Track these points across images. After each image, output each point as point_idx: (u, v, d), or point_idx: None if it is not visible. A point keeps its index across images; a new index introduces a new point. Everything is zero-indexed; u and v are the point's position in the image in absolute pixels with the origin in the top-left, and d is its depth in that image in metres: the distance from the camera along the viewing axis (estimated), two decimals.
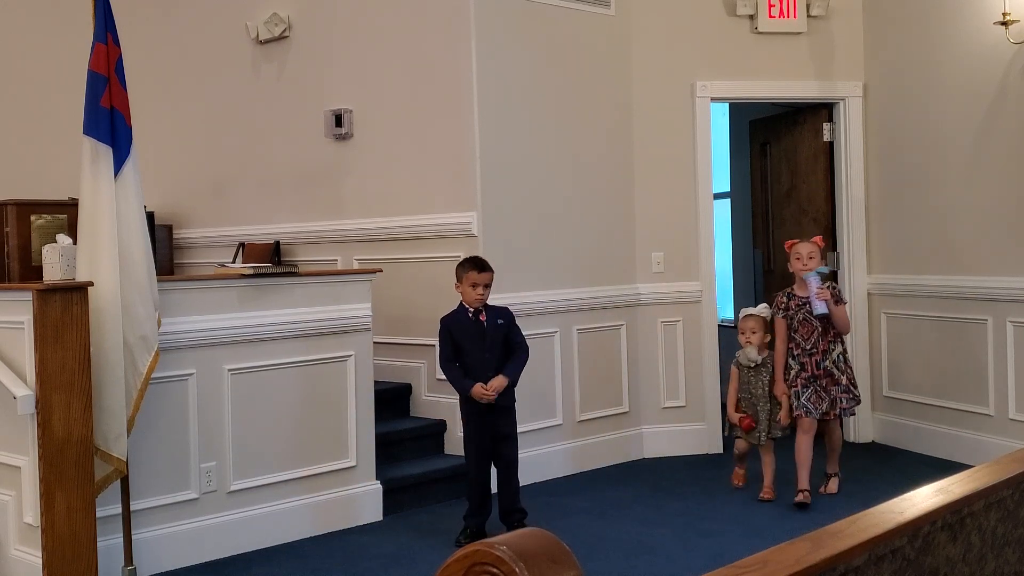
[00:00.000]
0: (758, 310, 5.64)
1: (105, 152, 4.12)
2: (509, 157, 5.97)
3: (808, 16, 6.69)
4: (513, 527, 4.83)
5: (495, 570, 1.28)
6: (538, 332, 6.01)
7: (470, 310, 4.91)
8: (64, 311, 3.94)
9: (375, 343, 5.49)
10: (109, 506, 4.27)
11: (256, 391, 4.90)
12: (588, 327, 6.33)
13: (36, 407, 3.94)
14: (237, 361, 4.83)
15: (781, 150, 7.34)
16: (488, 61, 5.87)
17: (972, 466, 2.30)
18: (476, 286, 4.87)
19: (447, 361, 4.96)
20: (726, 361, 6.02)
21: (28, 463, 4.11)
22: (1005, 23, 5.62)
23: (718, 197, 7.44)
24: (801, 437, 5.35)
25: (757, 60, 6.71)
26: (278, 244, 6.84)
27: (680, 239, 6.63)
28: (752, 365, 5.50)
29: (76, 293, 3.99)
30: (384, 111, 6.30)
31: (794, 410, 5.35)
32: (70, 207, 4.97)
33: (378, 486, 5.33)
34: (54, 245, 4.51)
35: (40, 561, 3.94)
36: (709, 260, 6.71)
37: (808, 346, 5.36)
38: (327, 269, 6.20)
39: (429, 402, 6.05)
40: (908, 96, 6.51)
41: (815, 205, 7.01)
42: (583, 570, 1.35)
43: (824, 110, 6.93)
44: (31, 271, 5.06)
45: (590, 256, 6.37)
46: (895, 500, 1.92)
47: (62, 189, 5.51)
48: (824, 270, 5.41)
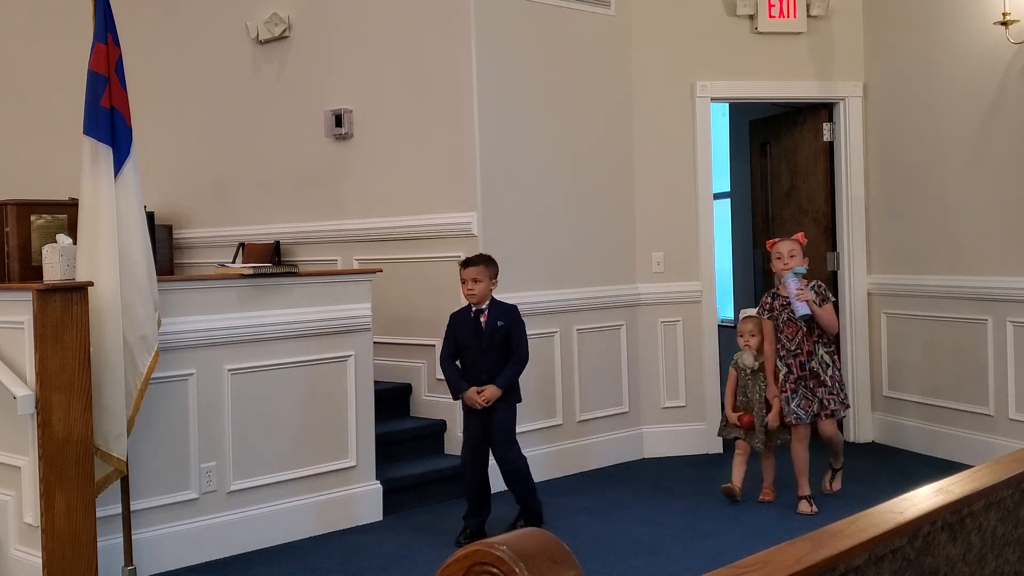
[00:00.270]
0: (755, 311, 5.54)
1: (105, 152, 4.12)
2: (509, 157, 5.97)
3: (808, 16, 6.69)
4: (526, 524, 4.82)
5: (495, 570, 1.28)
6: (538, 332, 6.00)
7: (472, 308, 4.93)
8: (64, 311, 3.94)
9: (375, 343, 5.49)
10: (109, 506, 4.27)
11: (256, 391, 4.90)
12: (588, 327, 6.33)
13: (36, 407, 3.94)
14: (237, 361, 4.83)
15: (781, 150, 7.34)
16: (488, 61, 5.87)
17: (972, 466, 2.30)
18: (464, 282, 4.89)
19: (446, 359, 4.96)
20: (726, 361, 6.01)
21: (28, 463, 4.11)
22: (1005, 23, 5.62)
23: (718, 197, 7.44)
24: (796, 446, 5.25)
25: (757, 60, 6.71)
26: (278, 244, 6.84)
27: (680, 239, 6.63)
28: (749, 370, 5.42)
29: (76, 293, 3.99)
30: (384, 111, 6.30)
31: (785, 416, 5.24)
32: (70, 207, 4.97)
33: (378, 486, 5.33)
34: (54, 245, 4.51)
35: (40, 561, 3.94)
36: (709, 260, 6.71)
37: (792, 347, 5.23)
38: (327, 269, 6.20)
39: (429, 402, 6.05)
40: (908, 96, 6.51)
41: (815, 205, 7.01)
42: (583, 570, 1.35)
43: (824, 110, 6.93)
44: (31, 271, 5.06)
45: (590, 256, 6.37)
46: (895, 500, 1.92)
47: (62, 189, 5.51)
48: (801, 270, 5.19)
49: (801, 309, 5.07)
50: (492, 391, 4.80)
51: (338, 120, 6.47)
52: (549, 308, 6.11)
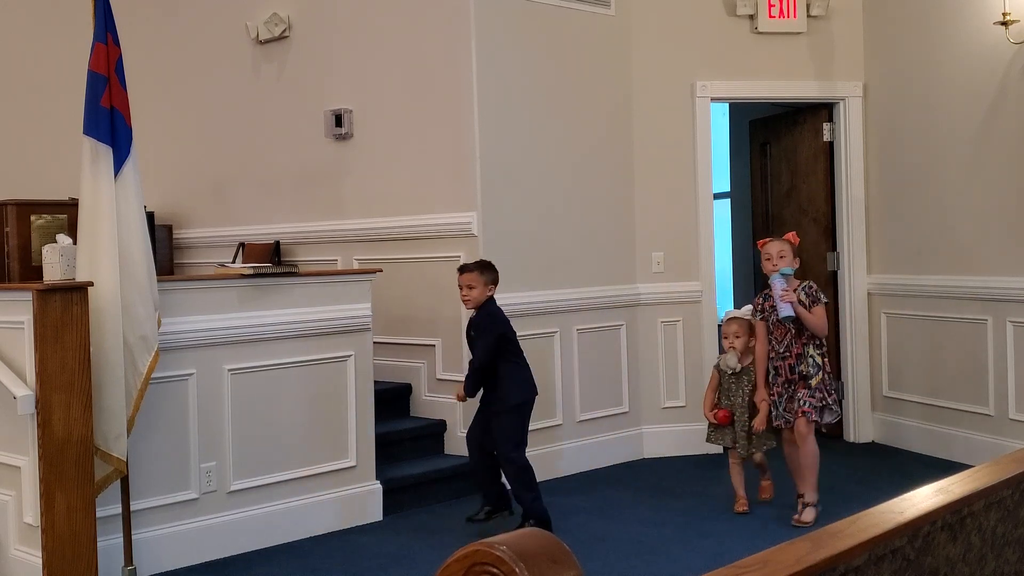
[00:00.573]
0: (742, 312, 5.38)
1: (105, 152, 4.12)
2: (509, 157, 5.97)
3: (808, 16, 6.69)
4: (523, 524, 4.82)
5: (495, 570, 1.28)
6: (538, 332, 6.01)
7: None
8: (64, 311, 3.94)
9: (375, 343, 5.49)
10: (109, 506, 4.27)
11: (256, 391, 4.90)
12: (588, 327, 6.33)
13: (36, 407, 3.94)
14: (237, 361, 4.83)
15: (781, 150, 7.34)
16: (488, 61, 5.87)
17: (972, 466, 2.30)
18: (460, 287, 4.99)
19: None
20: None
21: (28, 463, 4.11)
22: (1005, 23, 5.62)
23: (718, 197, 7.44)
24: (789, 451, 5.14)
25: (757, 60, 6.71)
26: (278, 244, 6.84)
27: (680, 239, 6.63)
28: (732, 372, 5.24)
29: (76, 293, 3.99)
30: (384, 111, 6.30)
31: (775, 420, 5.10)
32: (70, 207, 4.97)
33: (378, 486, 5.33)
34: (54, 245, 4.51)
35: (40, 561, 3.94)
36: (709, 260, 6.71)
37: (781, 349, 5.08)
38: (327, 269, 6.20)
39: (429, 402, 6.05)
40: (908, 96, 6.51)
41: (815, 205, 7.01)
42: (583, 570, 1.35)
43: (824, 110, 6.93)
44: (31, 271, 5.06)
45: (590, 256, 6.37)
46: (895, 500, 1.91)
47: (62, 189, 5.51)
48: (788, 271, 5.04)
49: (784, 310, 4.96)
50: (458, 390, 5.02)
51: (338, 120, 6.47)
52: (549, 308, 6.11)
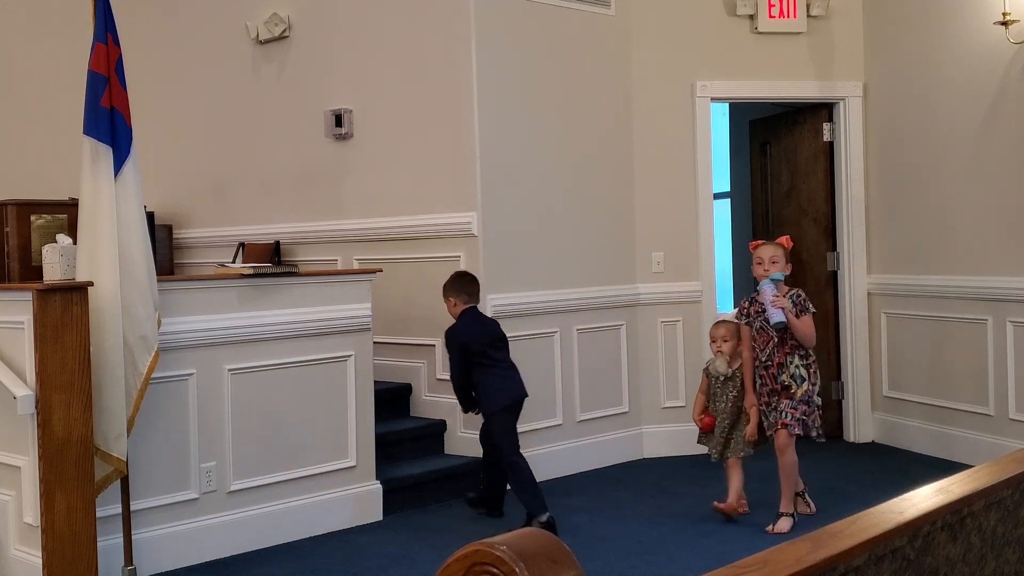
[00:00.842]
0: (732, 315, 5.26)
1: (105, 152, 4.12)
2: (509, 157, 5.97)
3: (808, 16, 6.69)
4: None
5: (495, 570, 1.28)
6: (538, 332, 6.01)
7: None
8: (64, 311, 3.94)
9: (375, 343, 5.49)
10: (109, 506, 4.27)
11: (256, 391, 4.90)
12: (588, 327, 6.33)
13: (36, 407, 3.94)
14: (237, 361, 4.83)
15: (781, 150, 7.34)
16: (488, 61, 5.87)
17: (972, 466, 2.30)
18: None
19: None
20: None
21: (28, 463, 4.11)
22: (1005, 23, 5.62)
23: (718, 197, 7.44)
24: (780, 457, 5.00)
25: (757, 60, 6.71)
26: (278, 244, 6.84)
27: (680, 239, 6.63)
28: (721, 378, 5.12)
29: (76, 293, 3.99)
30: (384, 111, 6.30)
31: (767, 429, 5.00)
32: (70, 207, 4.97)
33: (378, 486, 5.32)
34: (54, 245, 4.51)
35: (40, 561, 3.94)
36: (709, 260, 6.71)
37: (763, 357, 4.96)
38: (327, 269, 6.20)
39: (429, 402, 6.05)
40: (908, 96, 6.51)
41: (815, 205, 7.01)
42: (583, 570, 1.35)
43: (824, 110, 6.93)
44: (31, 271, 5.05)
45: (590, 256, 6.37)
46: (895, 500, 1.91)
47: (62, 189, 5.51)
48: (779, 276, 4.91)
49: (776, 316, 4.81)
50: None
51: (338, 120, 6.47)
52: (549, 308, 6.11)
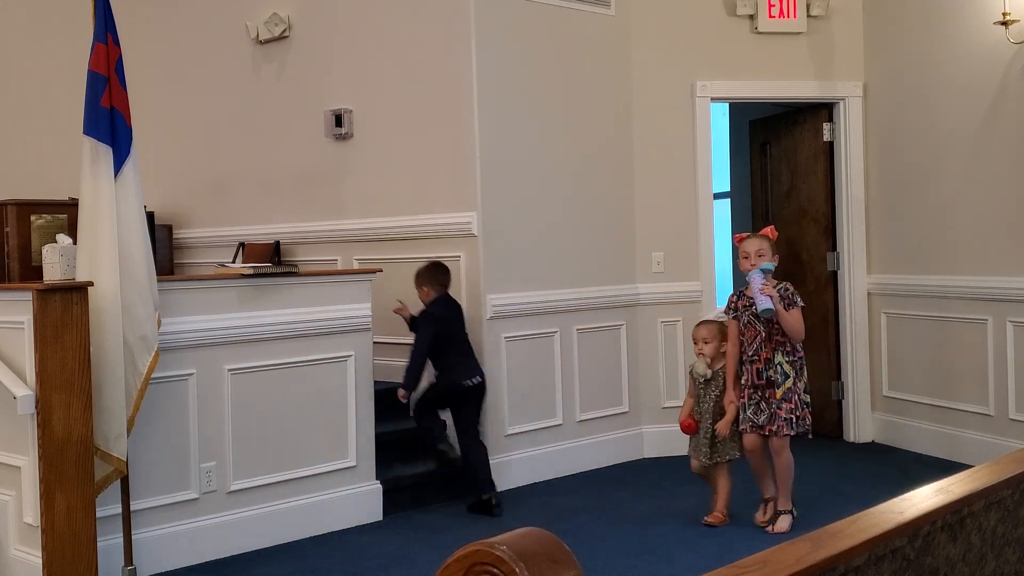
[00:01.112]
0: (715, 315, 5.15)
1: (105, 152, 4.12)
2: (509, 157, 5.97)
3: (808, 16, 6.69)
4: None
5: (495, 570, 1.28)
6: (538, 332, 6.01)
7: None
8: (64, 311, 3.94)
9: (375, 343, 5.49)
10: (109, 506, 4.27)
11: (256, 391, 4.90)
12: (588, 327, 6.33)
13: (36, 407, 3.94)
14: (237, 361, 4.83)
15: (781, 150, 7.34)
16: (488, 61, 5.87)
17: (972, 466, 2.30)
18: None
19: None
20: None
21: (28, 463, 4.11)
22: (1005, 23, 5.62)
23: (718, 197, 7.44)
24: (749, 455, 4.96)
25: (757, 60, 6.71)
26: (278, 244, 6.84)
27: (680, 239, 6.63)
28: (702, 380, 5.05)
29: (76, 293, 3.99)
30: (384, 111, 6.30)
31: (740, 424, 4.89)
32: (70, 207, 4.97)
33: (378, 486, 5.32)
34: (54, 245, 4.51)
35: (40, 561, 3.94)
36: (709, 260, 6.71)
37: (751, 352, 4.88)
38: (327, 269, 6.20)
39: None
40: (908, 96, 6.51)
41: (815, 205, 7.01)
42: (583, 570, 1.35)
43: (824, 110, 6.93)
44: (31, 271, 5.05)
45: (590, 256, 6.37)
46: (895, 500, 1.91)
47: (62, 189, 5.50)
48: (769, 267, 4.83)
49: (763, 303, 4.71)
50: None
51: (338, 120, 6.47)
52: (549, 308, 6.11)
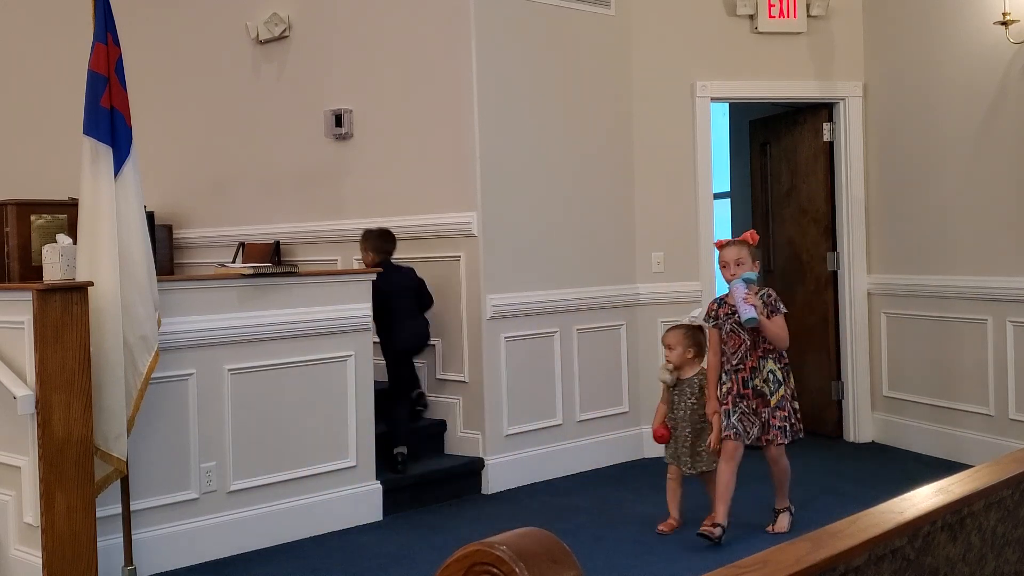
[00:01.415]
0: (689, 318, 5.04)
1: (105, 152, 4.12)
2: (509, 157, 5.97)
3: (808, 16, 6.69)
4: None
5: (495, 570, 1.28)
6: (538, 332, 6.02)
7: None
8: (64, 311, 3.94)
9: (375, 343, 5.49)
10: (109, 506, 4.27)
11: (256, 391, 4.90)
12: (588, 327, 6.33)
13: (36, 407, 3.94)
14: (237, 361, 4.83)
15: (781, 150, 7.34)
16: (488, 61, 5.87)
17: (972, 466, 2.30)
18: None
19: None
20: None
21: (28, 463, 4.11)
22: (1005, 23, 5.62)
23: (718, 197, 7.44)
24: (723, 466, 4.70)
25: (757, 60, 6.71)
26: (278, 244, 6.84)
27: (680, 239, 6.63)
28: (671, 386, 4.94)
29: (76, 293, 3.99)
30: (384, 111, 6.30)
31: (724, 431, 4.70)
32: (70, 207, 4.96)
33: (378, 486, 5.32)
34: (54, 245, 4.51)
35: (40, 561, 3.94)
36: (709, 260, 6.70)
37: (735, 361, 4.73)
38: (327, 269, 6.20)
39: (429, 402, 6.04)
40: (908, 96, 6.51)
41: (815, 205, 7.01)
42: (583, 570, 1.35)
43: (824, 110, 6.93)
44: (31, 271, 5.05)
45: (590, 256, 6.36)
46: (895, 500, 1.91)
47: (62, 189, 5.50)
48: (752, 276, 4.71)
49: (747, 313, 4.57)
50: None
51: (338, 120, 6.47)
52: (549, 308, 6.11)
